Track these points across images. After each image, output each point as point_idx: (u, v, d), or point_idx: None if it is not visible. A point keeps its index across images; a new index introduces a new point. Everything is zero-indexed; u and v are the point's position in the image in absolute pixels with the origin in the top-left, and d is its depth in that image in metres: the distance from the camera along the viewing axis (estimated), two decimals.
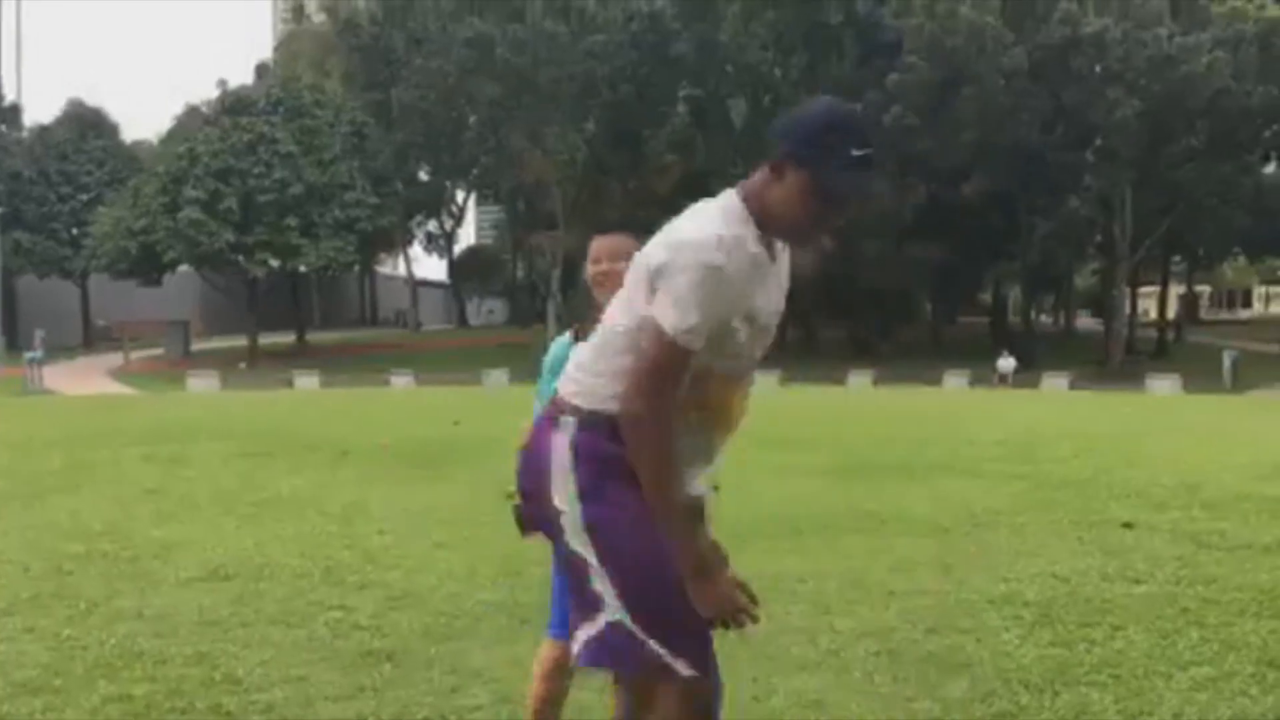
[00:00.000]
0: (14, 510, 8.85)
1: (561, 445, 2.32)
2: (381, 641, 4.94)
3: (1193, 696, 4.21)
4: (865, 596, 5.81)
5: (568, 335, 3.34)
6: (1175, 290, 63.53)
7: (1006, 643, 4.93)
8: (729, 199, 2.30)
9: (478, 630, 5.13)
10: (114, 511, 8.63)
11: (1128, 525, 8.00)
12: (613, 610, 2.27)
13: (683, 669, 2.26)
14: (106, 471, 11.43)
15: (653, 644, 2.26)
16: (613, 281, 3.15)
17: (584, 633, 2.34)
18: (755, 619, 2.32)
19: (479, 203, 78.72)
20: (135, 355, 48.69)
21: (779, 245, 2.37)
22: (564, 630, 2.98)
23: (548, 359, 3.31)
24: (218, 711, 4.05)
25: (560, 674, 3.23)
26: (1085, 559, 6.80)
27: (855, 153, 2.19)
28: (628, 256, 2.65)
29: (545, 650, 3.29)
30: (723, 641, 2.44)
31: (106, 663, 4.61)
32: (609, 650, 2.30)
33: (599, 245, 3.33)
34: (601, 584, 2.28)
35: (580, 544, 2.30)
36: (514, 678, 4.32)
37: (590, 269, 3.31)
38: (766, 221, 2.27)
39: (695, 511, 2.36)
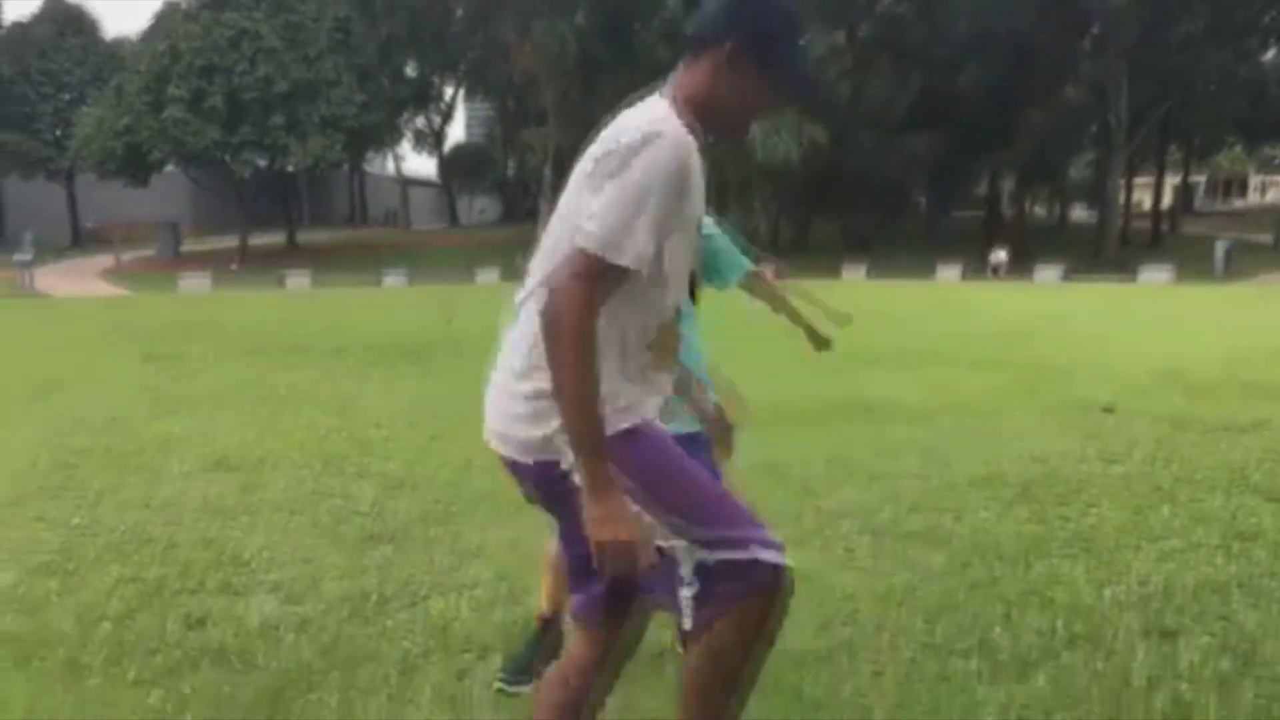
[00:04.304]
0: (17, 408, 8.98)
1: None
2: (382, 526, 5.11)
3: (1160, 566, 4.40)
4: (850, 479, 5.98)
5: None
6: (1171, 181, 63.15)
7: (985, 520, 5.12)
8: (660, 103, 2.07)
9: (475, 514, 5.29)
10: (115, 409, 8.76)
11: (1109, 410, 8.18)
12: (688, 561, 2.03)
13: (771, 556, 2.02)
14: (105, 371, 11.55)
15: (731, 554, 2.01)
16: None
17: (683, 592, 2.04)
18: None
19: (468, 98, 77.50)
20: (126, 256, 48.46)
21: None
22: None
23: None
24: (227, 589, 4.22)
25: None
26: (1066, 442, 6.99)
27: (801, 41, 2.13)
28: None
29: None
30: None
31: (117, 547, 4.78)
32: (715, 598, 2.02)
33: None
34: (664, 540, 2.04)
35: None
36: (511, 557, 4.50)
37: None
38: (707, 118, 2.07)
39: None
